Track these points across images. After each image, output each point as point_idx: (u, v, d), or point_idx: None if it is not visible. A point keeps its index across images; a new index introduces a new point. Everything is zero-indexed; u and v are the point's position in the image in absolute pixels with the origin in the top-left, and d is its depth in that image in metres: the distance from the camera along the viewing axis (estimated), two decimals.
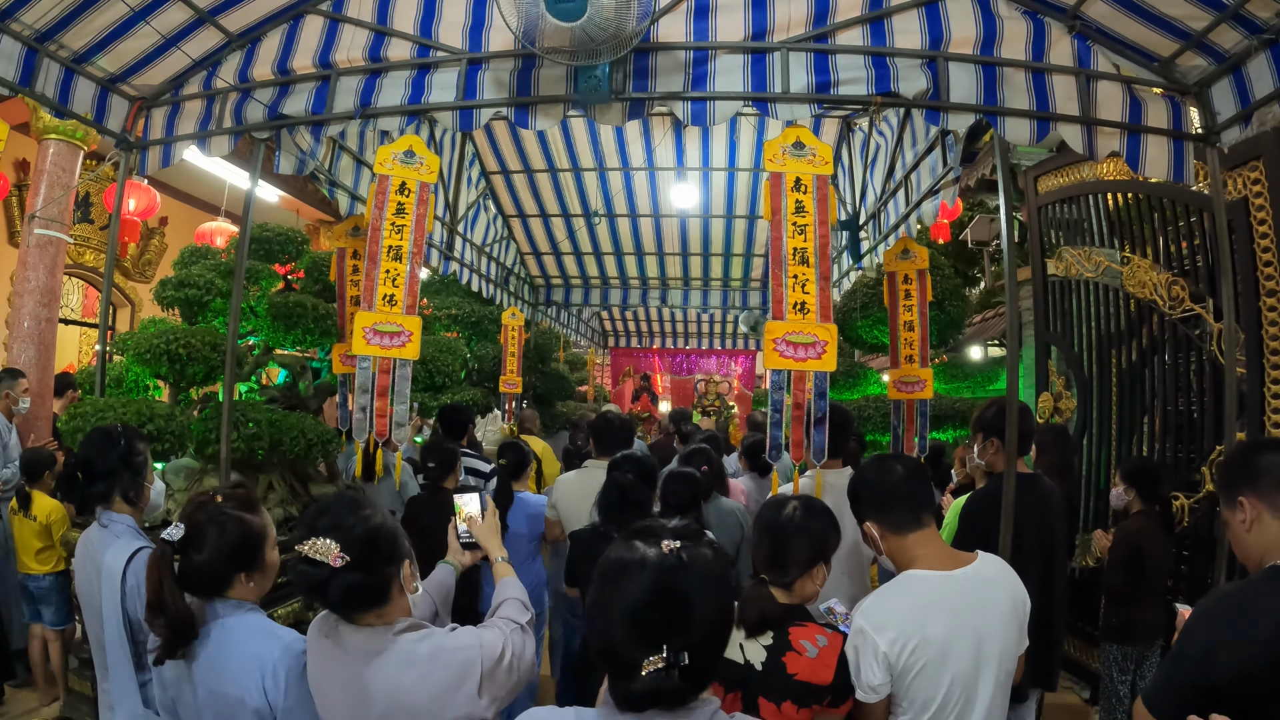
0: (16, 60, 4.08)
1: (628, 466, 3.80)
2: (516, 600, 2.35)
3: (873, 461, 2.67)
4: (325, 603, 1.96)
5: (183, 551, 2.11)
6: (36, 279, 6.89)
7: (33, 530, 5.11)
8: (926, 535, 2.35)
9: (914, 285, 5.06)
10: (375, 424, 3.99)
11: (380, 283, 3.90)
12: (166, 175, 7.27)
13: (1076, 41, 3.76)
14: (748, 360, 17.39)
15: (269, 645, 2.06)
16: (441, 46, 4.11)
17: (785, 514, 2.49)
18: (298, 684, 2.03)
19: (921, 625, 2.16)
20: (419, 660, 1.93)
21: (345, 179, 5.47)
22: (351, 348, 3.95)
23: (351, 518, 1.97)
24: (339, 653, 1.96)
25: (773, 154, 3.70)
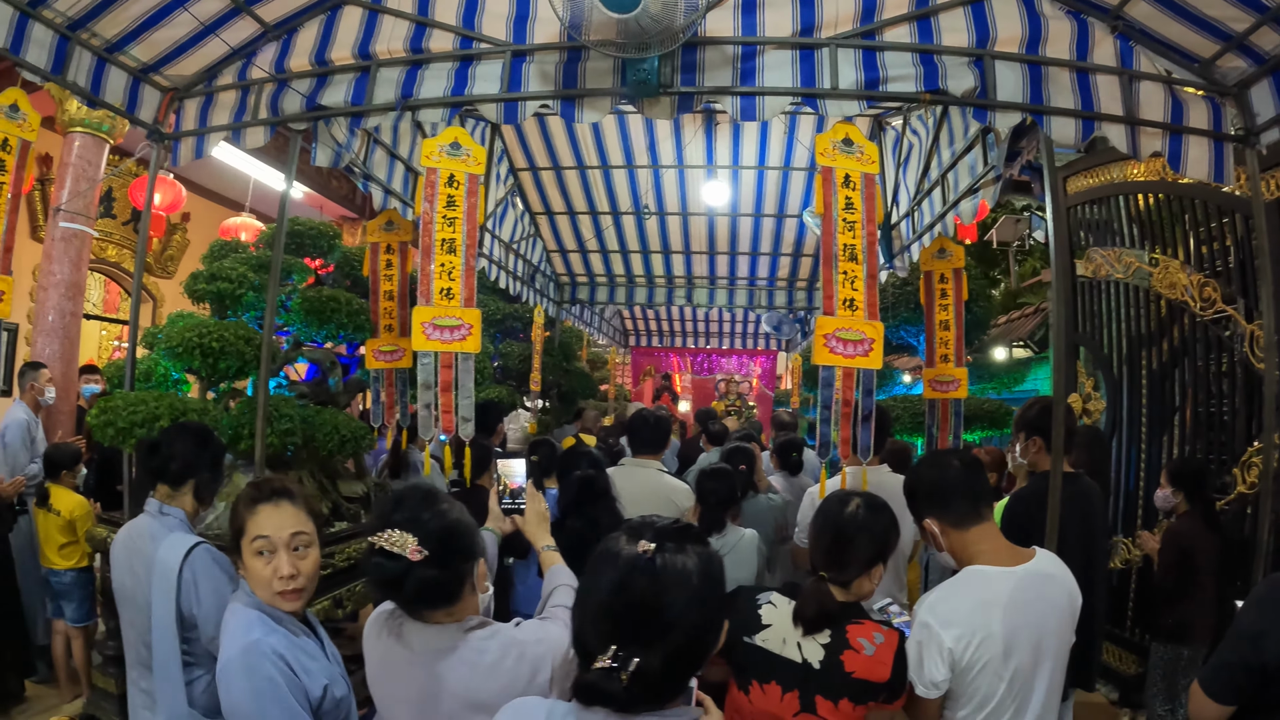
0: (49, 48, 4.05)
1: (585, 463, 3.81)
2: (568, 587, 2.32)
3: (928, 458, 2.67)
4: (398, 598, 1.93)
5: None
6: (61, 272, 6.89)
7: (56, 525, 5.12)
8: (987, 529, 2.35)
9: (950, 284, 5.02)
10: (442, 420, 3.95)
11: (436, 276, 3.85)
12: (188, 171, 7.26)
13: (1119, 41, 3.73)
14: (768, 360, 17.34)
15: (229, 643, 2.05)
16: (484, 38, 4.08)
17: (849, 511, 2.46)
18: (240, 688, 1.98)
19: (986, 621, 2.16)
20: (490, 658, 1.89)
21: (379, 173, 5.45)
22: (413, 344, 3.90)
23: (429, 511, 1.93)
24: (405, 651, 1.94)
25: (824, 148, 3.67)
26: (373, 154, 5.35)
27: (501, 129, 7.07)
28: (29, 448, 5.71)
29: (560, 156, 7.68)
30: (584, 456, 3.84)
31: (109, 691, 4.50)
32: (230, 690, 1.95)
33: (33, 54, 3.96)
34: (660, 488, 4.46)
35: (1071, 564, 2.39)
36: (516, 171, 7.97)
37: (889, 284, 7.75)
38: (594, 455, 3.90)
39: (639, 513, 3.34)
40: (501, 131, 7.14)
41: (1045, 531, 3.37)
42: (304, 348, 5.21)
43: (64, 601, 5.21)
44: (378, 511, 1.98)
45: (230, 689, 1.95)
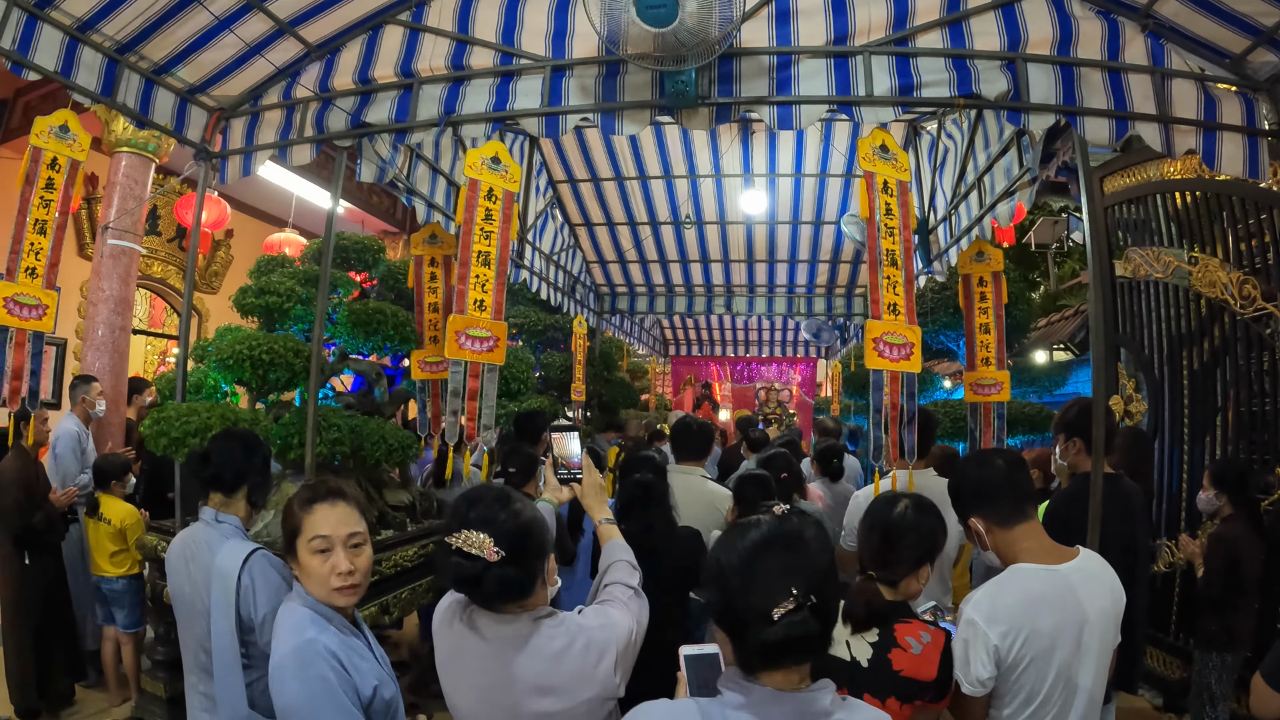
0: (98, 71, 4.18)
1: (646, 467, 3.84)
2: (625, 563, 2.37)
3: (972, 457, 2.68)
4: (475, 595, 1.98)
5: None
6: (110, 288, 7.02)
7: (107, 534, 5.22)
8: (1032, 528, 2.35)
9: (989, 288, 5.00)
10: (466, 427, 4.03)
11: (471, 288, 3.94)
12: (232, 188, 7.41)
13: (1150, 40, 3.73)
14: (808, 368, 17.19)
15: (283, 641, 2.08)
16: (524, 54, 4.15)
17: (897, 512, 2.49)
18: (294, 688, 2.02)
19: (1032, 619, 2.17)
20: (558, 645, 1.95)
21: (421, 187, 5.52)
22: (445, 352, 3.97)
23: (504, 511, 1.98)
24: (476, 639, 1.99)
25: (865, 153, 3.71)
26: (415, 169, 5.43)
27: (540, 142, 7.12)
28: (80, 459, 5.82)
29: (598, 168, 7.70)
30: (646, 462, 3.88)
31: (157, 695, 4.63)
32: (284, 688, 2.00)
33: (83, 77, 4.08)
34: (704, 494, 4.49)
35: (1113, 565, 2.40)
36: (555, 184, 8.02)
37: (927, 289, 7.70)
38: (656, 462, 3.94)
39: (682, 519, 3.38)
40: (540, 145, 7.19)
41: (1086, 532, 3.36)
42: (350, 359, 5.30)
43: (115, 608, 5.32)
44: (453, 512, 2.02)
45: (284, 687, 2.00)
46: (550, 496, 2.82)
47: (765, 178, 7.48)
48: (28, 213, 3.96)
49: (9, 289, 3.87)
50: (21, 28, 3.76)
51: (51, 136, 4.04)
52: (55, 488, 5.36)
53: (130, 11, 3.99)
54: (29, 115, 8.73)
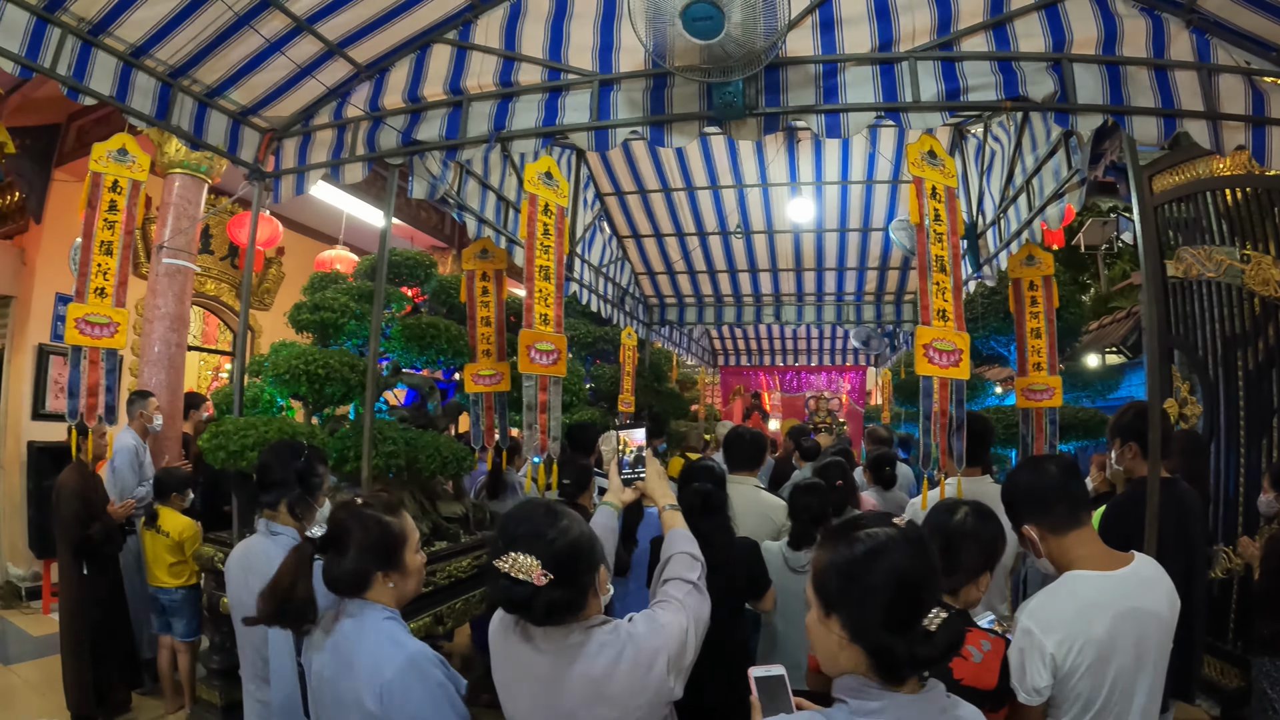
0: (152, 95, 4.31)
1: (705, 476, 3.83)
2: (686, 555, 2.34)
3: (1025, 463, 2.65)
4: (526, 616, 1.98)
5: (324, 550, 2.19)
6: (166, 306, 7.17)
7: (165, 545, 5.33)
8: (1086, 534, 2.33)
9: (1040, 291, 4.96)
10: (539, 439, 4.08)
11: (536, 302, 4.00)
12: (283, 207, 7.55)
13: (1195, 36, 3.68)
14: (857, 376, 17.09)
15: (393, 654, 2.08)
16: (572, 69, 4.21)
17: (957, 519, 2.48)
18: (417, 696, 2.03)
19: (1087, 626, 2.14)
20: (610, 654, 1.96)
21: (472, 202, 5.58)
22: (519, 367, 4.04)
23: (552, 530, 1.98)
24: (531, 648, 2.01)
25: (913, 159, 3.71)
26: (465, 185, 5.49)
27: (587, 156, 7.17)
28: (137, 472, 5.97)
29: (645, 180, 7.73)
30: (705, 471, 3.88)
31: (212, 703, 4.73)
32: (407, 700, 2.01)
33: (137, 101, 4.22)
34: (758, 504, 4.51)
35: (1170, 571, 2.36)
36: (603, 197, 8.05)
37: (977, 294, 7.63)
38: (716, 471, 3.92)
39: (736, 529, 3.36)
40: (586, 158, 7.24)
41: (1143, 538, 3.31)
42: (403, 373, 5.37)
43: (174, 618, 5.42)
44: (501, 531, 2.03)
45: (407, 699, 2.01)
46: (613, 499, 2.79)
47: (812, 185, 7.46)
48: (93, 235, 4.09)
49: (80, 309, 4.01)
50: (77, 54, 3.89)
51: (110, 160, 4.17)
52: (113, 500, 5.49)
53: (182, 37, 4.11)
54: (82, 139, 8.95)
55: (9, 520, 8.69)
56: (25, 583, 8.45)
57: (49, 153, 9.06)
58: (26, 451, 8.65)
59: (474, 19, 4.48)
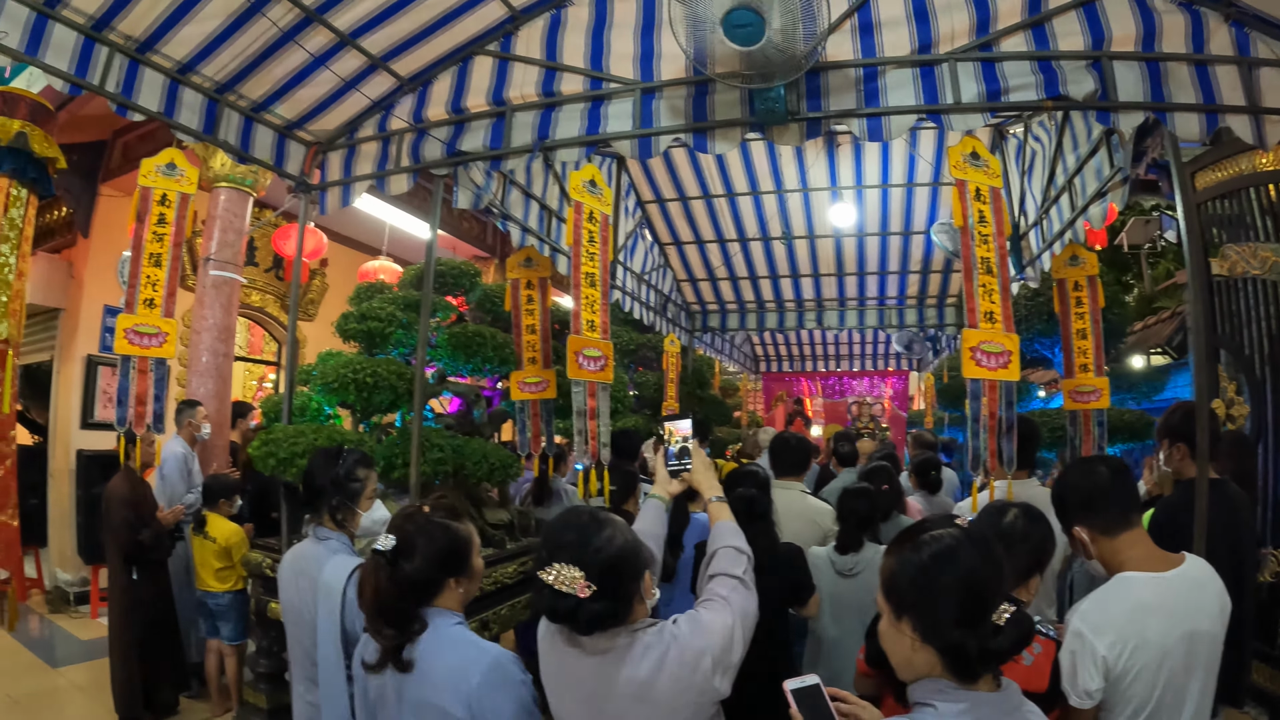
0: (199, 111, 4.40)
1: (749, 482, 3.82)
2: (731, 549, 2.32)
3: (1076, 464, 2.63)
4: (570, 626, 1.98)
5: (393, 561, 2.18)
6: (213, 317, 7.30)
7: (212, 551, 5.42)
8: (1136, 535, 2.31)
9: (1085, 292, 4.92)
10: (590, 445, 4.11)
11: (584, 309, 4.03)
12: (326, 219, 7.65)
13: (1234, 29, 3.63)
14: (899, 381, 16.93)
15: (477, 658, 2.09)
16: (613, 78, 4.24)
17: (1006, 521, 2.47)
18: (505, 699, 2.05)
19: (1139, 628, 2.12)
20: (655, 656, 1.96)
21: (515, 212, 5.62)
22: (568, 373, 4.08)
23: (596, 539, 1.98)
24: (577, 652, 2.01)
25: (956, 161, 3.70)
26: (509, 194, 5.53)
27: (627, 164, 7.21)
28: (186, 479, 6.09)
29: (686, 187, 7.75)
30: (750, 476, 3.86)
31: (259, 707, 4.80)
32: (496, 702, 2.03)
33: (184, 116, 4.30)
34: (804, 509, 4.52)
35: (1219, 573, 2.34)
36: (644, 204, 8.08)
37: (1020, 296, 7.57)
38: (760, 476, 3.91)
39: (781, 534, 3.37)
40: (627, 166, 7.28)
41: (1192, 540, 3.26)
42: (449, 381, 5.42)
43: (220, 622, 5.51)
44: (545, 541, 2.04)
45: (496, 701, 2.04)
46: (660, 491, 2.76)
47: (852, 190, 7.45)
48: (142, 248, 4.19)
49: (129, 320, 4.10)
50: (125, 72, 3.98)
51: (159, 175, 4.26)
52: (162, 506, 5.60)
53: (228, 53, 4.20)
54: (128, 155, 9.16)
55: (58, 527, 8.88)
56: (74, 588, 8.62)
57: (95, 169, 9.28)
58: (75, 460, 8.82)
59: (514, 31, 4.54)
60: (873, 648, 2.75)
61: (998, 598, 1.56)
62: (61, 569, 8.82)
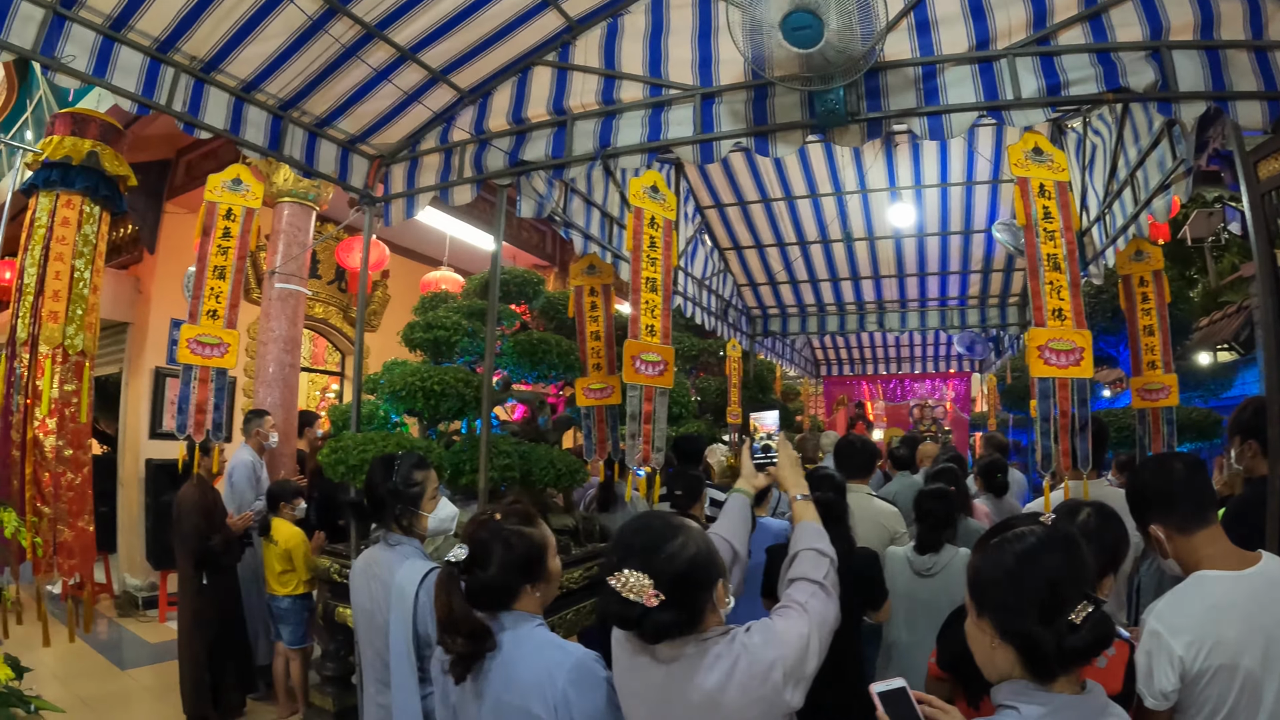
0: (264, 128, 4.51)
1: (825, 486, 3.80)
2: (813, 551, 2.27)
3: (1150, 462, 2.59)
4: (637, 634, 1.94)
5: (469, 569, 2.19)
6: (279, 328, 7.46)
7: (276, 554, 5.54)
8: (1213, 533, 2.27)
9: (1150, 287, 4.84)
10: (642, 450, 4.12)
11: (643, 313, 4.05)
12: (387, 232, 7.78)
13: None
14: (961, 383, 16.69)
15: (561, 659, 2.09)
16: (673, 84, 4.26)
17: (1080, 520, 2.45)
18: (590, 698, 2.05)
19: (1216, 627, 2.08)
20: (725, 665, 1.91)
21: (577, 219, 5.65)
22: (624, 377, 4.10)
23: (668, 546, 1.94)
24: (650, 660, 1.98)
25: (1017, 159, 3.66)
26: (570, 202, 5.57)
27: (686, 169, 7.21)
28: (255, 486, 6.25)
29: (744, 192, 7.72)
30: (826, 480, 3.85)
31: (325, 709, 4.90)
32: (582, 702, 2.04)
33: (250, 133, 4.42)
34: (870, 511, 4.51)
35: None
36: (703, 210, 8.07)
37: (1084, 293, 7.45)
38: (837, 480, 3.89)
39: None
40: (685, 172, 7.28)
41: (1264, 540, 3.18)
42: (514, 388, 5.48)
43: (282, 625, 5.62)
44: (616, 546, 2.02)
45: (581, 701, 2.04)
46: (744, 485, 2.74)
47: (911, 190, 7.39)
48: (206, 260, 4.31)
49: (192, 330, 4.22)
50: (190, 91, 4.09)
51: (225, 190, 4.39)
52: (231, 513, 5.75)
53: (290, 71, 4.30)
54: (191, 173, 9.42)
55: (128, 533, 9.13)
56: (142, 592, 8.88)
57: (160, 187, 9.55)
58: (144, 468, 9.11)
59: (572, 40, 4.57)
60: (944, 651, 2.74)
61: (1076, 596, 1.54)
62: (130, 574, 9.09)
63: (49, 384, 5.48)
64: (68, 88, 6.41)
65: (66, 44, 3.57)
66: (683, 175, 7.21)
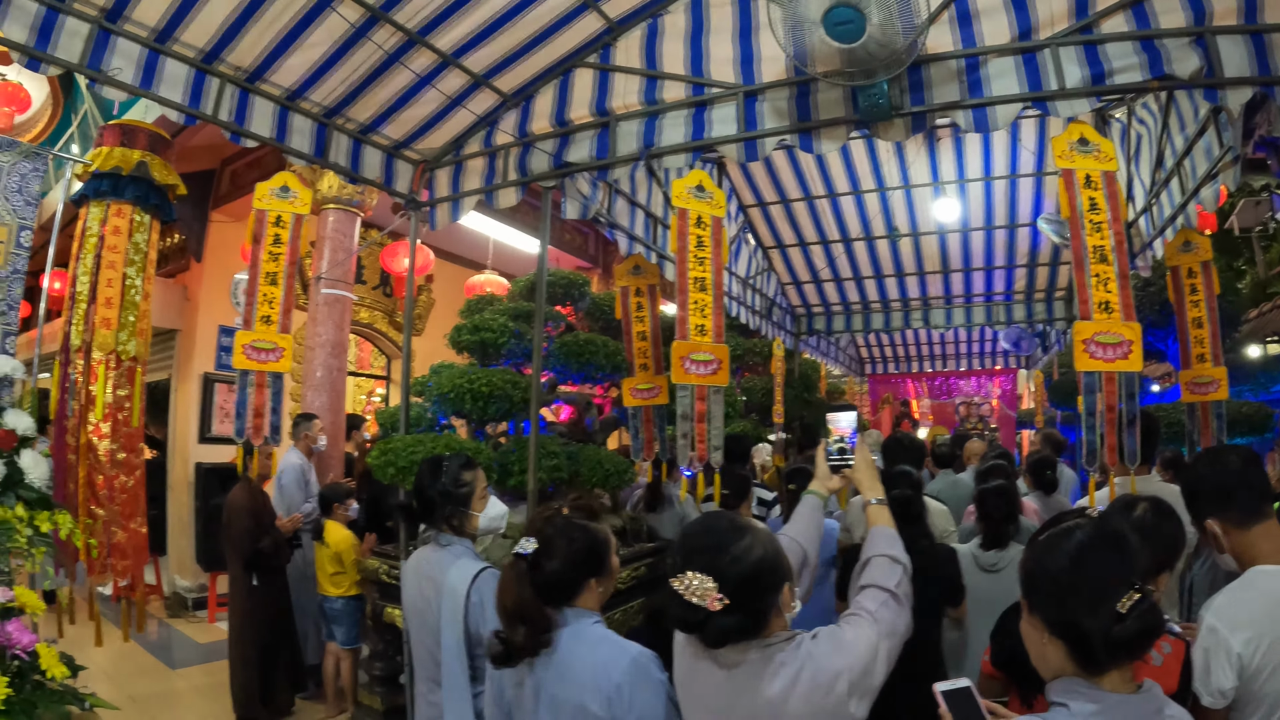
0: (310, 135, 4.57)
1: (903, 483, 3.78)
2: (886, 558, 2.19)
3: (1205, 456, 2.57)
4: (700, 638, 1.91)
5: (534, 563, 2.22)
6: (326, 333, 7.58)
7: (328, 556, 5.64)
8: (1270, 527, 2.24)
9: (1199, 279, 4.78)
10: (697, 449, 4.10)
11: (691, 313, 4.05)
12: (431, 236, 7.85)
13: None
14: (1008, 380, 16.44)
15: (617, 657, 2.12)
16: (715, 83, 4.26)
17: (1135, 516, 2.43)
18: (644, 696, 2.07)
19: (1274, 624, 2.06)
20: (788, 673, 1.86)
21: (621, 220, 5.67)
22: (672, 377, 4.11)
23: (734, 548, 1.90)
24: (711, 664, 1.95)
25: (1061, 150, 3.62)
26: (615, 203, 5.59)
27: (728, 168, 7.20)
28: (303, 489, 6.35)
29: (787, 189, 7.68)
30: (904, 476, 3.82)
31: (373, 708, 4.98)
32: (635, 701, 2.06)
33: (295, 141, 4.48)
34: None
35: None
36: (745, 209, 8.04)
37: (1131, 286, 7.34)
38: (914, 476, 3.86)
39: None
40: (728, 171, 7.26)
41: None
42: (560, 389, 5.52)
43: (335, 626, 5.72)
44: (680, 547, 1.98)
45: (635, 696, 2.06)
46: (819, 487, 2.69)
47: (955, 184, 7.31)
48: (258, 267, 4.38)
49: (246, 336, 4.30)
50: (236, 101, 4.17)
51: (273, 197, 4.46)
52: (280, 515, 5.85)
53: (334, 79, 4.36)
54: (236, 182, 9.62)
55: (178, 536, 9.33)
56: (192, 594, 9.09)
57: (205, 196, 9.74)
58: (194, 472, 9.30)
59: (613, 42, 4.59)
60: (998, 648, 2.74)
61: (1123, 586, 1.52)
62: (180, 576, 9.29)
63: (102, 389, 5.60)
64: (112, 100, 6.56)
65: (113, 57, 3.65)
66: (725, 175, 7.20)
